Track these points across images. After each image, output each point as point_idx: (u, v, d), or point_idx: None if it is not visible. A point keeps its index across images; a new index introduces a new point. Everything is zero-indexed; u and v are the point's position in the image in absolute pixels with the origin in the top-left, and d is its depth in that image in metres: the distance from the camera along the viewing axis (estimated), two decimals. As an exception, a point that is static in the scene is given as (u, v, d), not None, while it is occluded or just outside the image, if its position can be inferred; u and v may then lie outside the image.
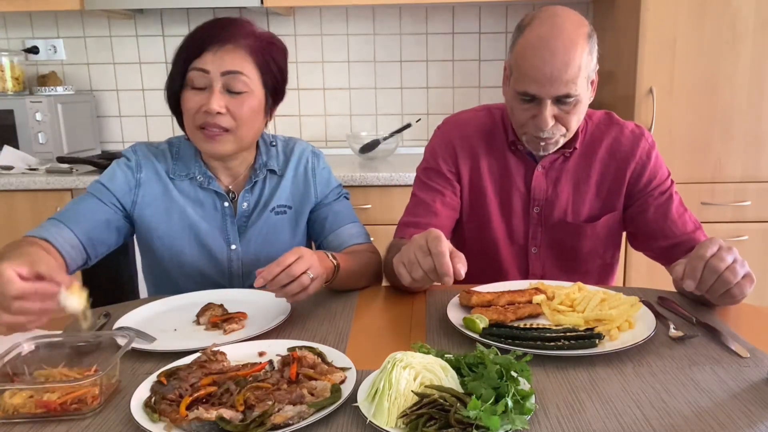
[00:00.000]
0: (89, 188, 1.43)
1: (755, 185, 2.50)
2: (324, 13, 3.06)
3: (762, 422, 0.83)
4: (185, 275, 1.46)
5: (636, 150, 1.45)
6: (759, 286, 2.63)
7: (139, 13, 3.05)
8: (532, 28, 1.30)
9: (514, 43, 1.34)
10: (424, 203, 1.49)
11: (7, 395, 0.89)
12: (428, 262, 1.08)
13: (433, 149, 1.53)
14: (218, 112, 1.32)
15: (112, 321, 1.21)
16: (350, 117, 3.16)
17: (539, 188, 1.47)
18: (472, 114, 1.55)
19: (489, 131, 1.50)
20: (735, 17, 2.37)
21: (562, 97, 1.30)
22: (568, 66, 1.27)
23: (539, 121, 1.32)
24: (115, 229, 1.42)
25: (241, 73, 1.33)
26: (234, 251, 1.47)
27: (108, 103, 3.18)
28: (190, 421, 0.82)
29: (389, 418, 0.81)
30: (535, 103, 1.32)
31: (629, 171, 1.45)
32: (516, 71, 1.32)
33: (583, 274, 1.49)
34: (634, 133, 1.47)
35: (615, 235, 1.52)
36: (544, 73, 1.27)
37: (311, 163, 1.53)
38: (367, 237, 1.53)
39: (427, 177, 1.52)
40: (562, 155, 1.45)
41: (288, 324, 1.20)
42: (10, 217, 2.54)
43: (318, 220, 1.53)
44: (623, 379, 0.96)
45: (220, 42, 1.33)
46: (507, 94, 1.40)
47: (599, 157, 1.46)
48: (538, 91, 1.29)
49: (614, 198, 1.47)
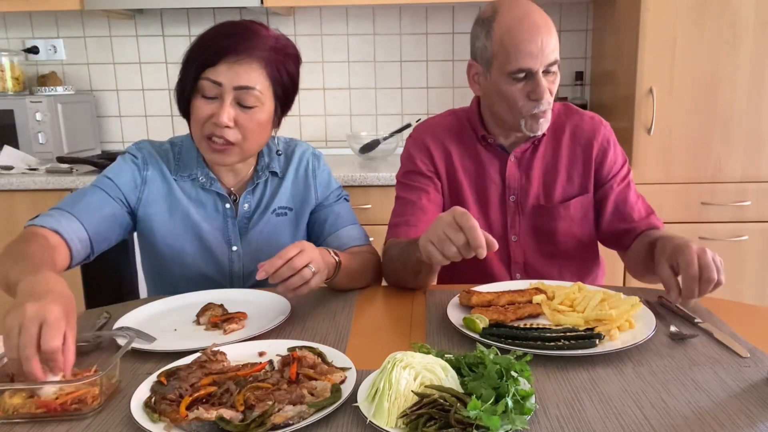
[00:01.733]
0: (96, 181, 1.41)
1: (755, 185, 2.50)
2: (324, 13, 3.06)
3: (762, 422, 0.83)
4: (186, 276, 1.46)
5: (597, 135, 1.53)
6: (759, 286, 2.64)
7: (139, 13, 3.05)
8: (503, 14, 1.38)
9: (489, 32, 1.39)
10: (410, 203, 1.52)
11: (7, 395, 0.89)
12: (460, 237, 1.10)
13: (408, 153, 1.58)
14: (226, 126, 1.31)
15: (112, 321, 1.21)
16: (350, 117, 3.16)
17: (513, 177, 1.52)
18: (438, 118, 1.62)
19: (458, 130, 1.56)
20: (735, 17, 2.37)
21: (550, 65, 1.37)
22: (551, 34, 1.36)
23: (538, 93, 1.37)
24: (119, 224, 1.40)
25: (254, 88, 1.32)
26: (235, 252, 1.47)
27: (108, 103, 3.18)
28: (190, 421, 0.82)
29: (389, 418, 0.81)
30: (528, 79, 1.37)
31: (594, 155, 1.52)
32: (504, 55, 1.37)
33: (563, 257, 1.55)
34: (593, 120, 1.55)
35: (590, 220, 1.56)
36: (535, 45, 1.34)
37: (312, 164, 1.53)
38: (367, 239, 1.53)
39: (409, 179, 1.55)
40: (532, 144, 1.52)
41: (288, 324, 1.20)
42: (10, 217, 2.54)
43: (318, 222, 1.53)
44: (623, 379, 0.96)
45: (236, 54, 1.30)
46: (489, 85, 1.44)
47: (564, 144, 1.53)
48: (532, 64, 1.35)
49: (585, 180, 1.53)
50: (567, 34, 3.04)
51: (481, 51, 1.42)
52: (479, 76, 1.47)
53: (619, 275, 2.52)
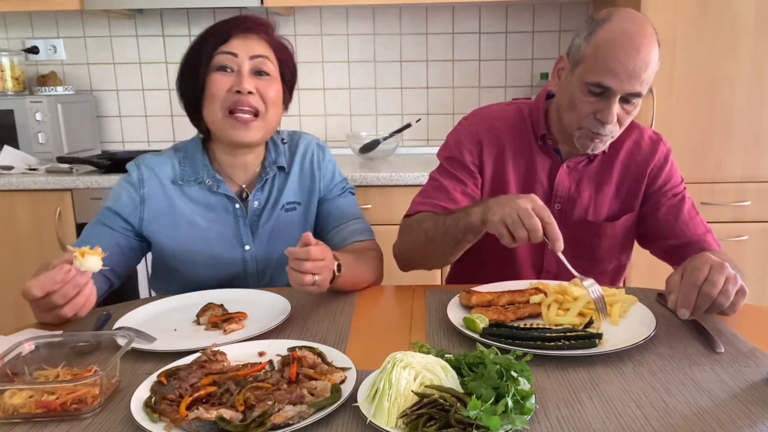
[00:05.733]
0: (98, 214, 1.44)
1: (755, 185, 2.50)
2: (324, 13, 3.06)
3: (762, 422, 0.83)
4: (200, 286, 1.40)
5: (655, 153, 1.48)
6: (759, 286, 2.64)
7: (139, 13, 3.05)
8: (614, 22, 1.30)
9: (591, 34, 1.32)
10: (444, 189, 1.48)
11: (7, 395, 0.89)
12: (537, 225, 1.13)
13: (458, 139, 1.52)
14: (249, 92, 1.35)
15: (112, 321, 1.21)
16: (350, 117, 3.16)
17: (562, 185, 1.48)
18: (500, 108, 1.56)
19: (517, 126, 1.50)
20: (735, 17, 2.37)
21: (631, 95, 1.30)
22: (648, 65, 1.28)
23: (605, 116, 1.32)
24: (129, 250, 1.43)
25: (268, 58, 1.40)
26: (248, 252, 1.46)
27: (108, 103, 3.18)
28: (190, 421, 0.82)
29: (389, 418, 0.81)
30: (603, 98, 1.31)
31: (647, 173, 1.48)
32: (592, 62, 1.30)
33: (598, 274, 1.49)
34: (652, 138, 1.51)
35: (631, 237, 1.54)
36: (626, 68, 1.27)
37: (316, 156, 1.53)
38: (371, 234, 1.52)
39: (451, 166, 1.51)
40: (587, 158, 1.47)
41: (288, 324, 1.20)
42: (10, 217, 2.54)
43: (322, 215, 1.53)
44: (623, 379, 0.96)
45: (246, 31, 1.39)
46: (567, 85, 1.38)
47: (620, 159, 1.48)
48: (614, 85, 1.28)
49: (632, 199, 1.49)
50: (567, 34, 3.04)
51: (575, 48, 1.36)
52: (563, 72, 1.40)
53: (619, 275, 2.52)
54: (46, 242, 2.53)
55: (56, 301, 1.08)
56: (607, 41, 1.28)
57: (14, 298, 1.16)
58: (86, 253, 1.09)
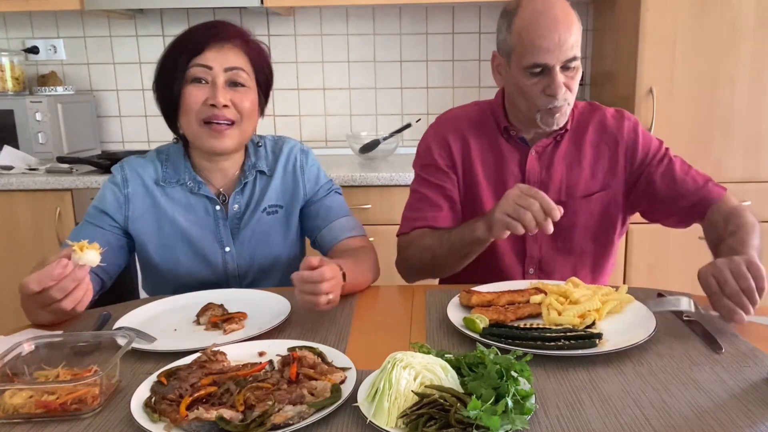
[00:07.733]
0: (86, 215, 1.45)
1: (755, 185, 2.50)
2: (324, 13, 3.05)
3: (762, 422, 0.83)
4: (184, 283, 1.46)
5: (622, 131, 1.52)
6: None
7: (139, 13, 3.04)
8: (524, 8, 1.38)
9: (510, 25, 1.39)
10: (426, 198, 1.54)
11: (7, 395, 0.89)
12: (534, 203, 1.19)
13: (427, 146, 1.57)
14: (224, 105, 1.36)
15: (112, 321, 1.21)
16: (350, 117, 3.16)
17: (533, 171, 1.51)
18: (462, 109, 1.62)
19: (479, 121, 1.56)
20: (735, 17, 2.37)
21: (568, 62, 1.36)
22: (571, 30, 1.35)
23: (552, 89, 1.37)
24: (118, 248, 1.44)
25: (242, 69, 1.39)
26: (228, 253, 1.47)
27: (108, 103, 3.18)
28: (190, 421, 0.82)
29: (389, 418, 0.81)
30: (543, 75, 1.37)
31: (621, 153, 1.51)
32: (521, 49, 1.37)
33: (578, 253, 1.54)
34: (614, 116, 1.54)
35: (611, 216, 1.54)
36: (552, 40, 1.33)
37: (299, 161, 1.54)
38: (361, 230, 1.54)
39: (427, 173, 1.56)
40: (554, 140, 1.51)
41: (288, 324, 1.20)
42: (10, 217, 2.54)
43: (310, 217, 1.54)
44: (623, 379, 0.96)
45: (220, 41, 1.38)
46: (509, 77, 1.44)
47: (588, 140, 1.52)
48: (548, 59, 1.34)
49: (609, 178, 1.52)
50: (567, 34, 3.03)
51: (502, 43, 1.43)
52: (501, 68, 1.47)
53: (619, 275, 2.53)
54: (46, 242, 2.53)
55: (54, 296, 1.08)
56: (526, 25, 1.36)
57: (14, 298, 1.16)
58: (85, 247, 1.09)
